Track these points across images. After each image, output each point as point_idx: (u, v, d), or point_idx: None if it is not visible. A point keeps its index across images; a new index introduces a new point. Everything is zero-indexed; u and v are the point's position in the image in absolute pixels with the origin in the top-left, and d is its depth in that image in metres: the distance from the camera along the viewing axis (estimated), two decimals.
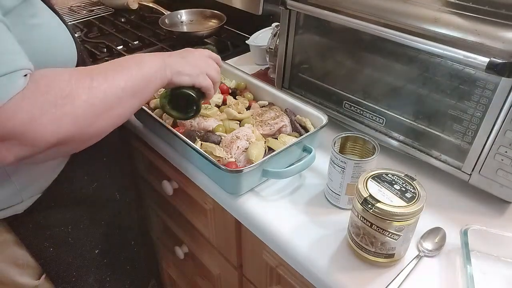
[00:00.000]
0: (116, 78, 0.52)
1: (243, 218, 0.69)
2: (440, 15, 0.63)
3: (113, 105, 0.51)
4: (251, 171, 0.65)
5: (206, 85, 0.66)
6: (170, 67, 0.61)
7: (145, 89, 0.57)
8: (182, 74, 0.63)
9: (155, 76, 0.58)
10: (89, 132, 0.50)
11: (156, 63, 0.59)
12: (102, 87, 0.50)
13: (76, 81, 0.48)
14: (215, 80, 0.69)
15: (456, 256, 0.58)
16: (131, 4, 1.47)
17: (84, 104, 0.48)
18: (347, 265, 0.58)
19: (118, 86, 0.52)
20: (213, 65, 0.70)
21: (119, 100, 0.52)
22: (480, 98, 0.61)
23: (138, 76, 0.55)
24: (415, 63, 0.67)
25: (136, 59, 0.58)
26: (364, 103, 0.77)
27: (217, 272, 0.96)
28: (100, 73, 0.51)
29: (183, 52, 0.69)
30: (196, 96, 0.66)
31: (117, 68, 0.54)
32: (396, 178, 0.56)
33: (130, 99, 0.54)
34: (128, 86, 0.53)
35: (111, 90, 0.51)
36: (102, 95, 0.49)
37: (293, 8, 0.80)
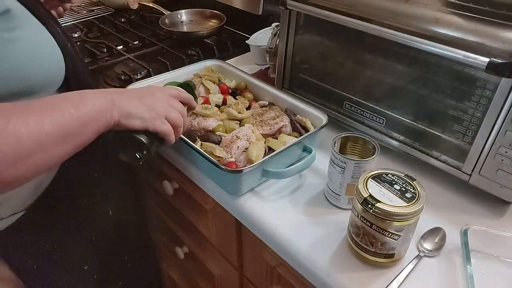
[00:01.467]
0: (41, 120, 0.44)
1: (243, 218, 0.69)
2: (440, 15, 0.63)
3: (32, 152, 0.44)
4: (251, 171, 0.65)
5: (163, 130, 0.58)
6: (119, 108, 0.53)
7: (81, 132, 0.49)
8: (133, 117, 0.55)
9: (96, 118, 0.50)
10: None
11: (101, 102, 0.51)
12: (19, 131, 0.42)
13: None
14: (176, 124, 0.60)
15: (456, 256, 0.58)
16: (131, 4, 1.47)
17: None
18: (347, 265, 0.58)
19: (41, 130, 0.44)
20: (177, 107, 0.62)
21: (41, 146, 0.44)
22: (480, 98, 0.61)
23: (73, 118, 0.47)
24: (416, 63, 0.67)
25: (76, 97, 0.50)
26: (365, 103, 0.77)
27: (217, 272, 0.96)
28: (22, 114, 0.44)
29: (142, 91, 0.61)
30: (146, 142, 0.57)
31: (46, 108, 0.46)
32: (396, 178, 0.56)
33: (58, 145, 0.46)
34: (55, 130, 0.45)
35: (30, 135, 0.43)
36: (16, 141, 0.42)
37: (293, 8, 0.80)
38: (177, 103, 0.63)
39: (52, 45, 0.60)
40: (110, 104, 0.52)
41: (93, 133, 0.51)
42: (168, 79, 0.90)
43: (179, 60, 1.15)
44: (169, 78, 0.91)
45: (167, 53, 1.20)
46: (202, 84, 0.87)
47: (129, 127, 0.55)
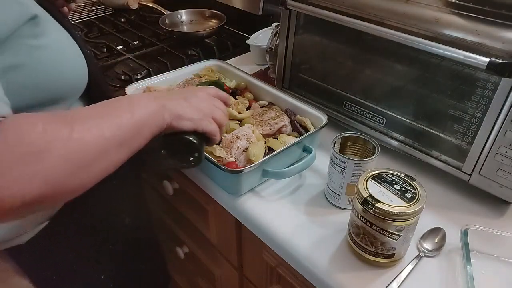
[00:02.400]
0: (101, 127, 0.45)
1: (243, 218, 0.69)
2: (440, 15, 0.63)
3: (95, 159, 0.44)
4: (251, 171, 0.65)
5: (211, 130, 0.58)
6: (170, 111, 0.54)
7: (137, 137, 0.49)
8: (183, 119, 0.55)
9: (150, 122, 0.51)
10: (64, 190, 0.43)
11: (153, 106, 0.52)
12: (83, 139, 0.43)
13: (52, 132, 0.41)
14: (221, 124, 0.61)
15: (456, 256, 0.58)
16: (131, 4, 1.47)
17: (59, 160, 0.41)
18: (347, 265, 0.58)
19: (102, 136, 0.45)
20: (220, 107, 0.62)
21: (104, 152, 0.45)
22: (480, 98, 0.61)
23: (129, 123, 0.48)
24: (416, 63, 0.67)
25: (129, 102, 0.51)
26: (364, 103, 0.77)
27: (217, 272, 0.96)
28: (84, 121, 0.44)
29: (186, 92, 0.62)
30: (197, 143, 0.57)
31: (104, 115, 0.47)
32: (396, 178, 0.56)
33: (117, 150, 0.47)
34: (115, 136, 0.46)
35: (94, 142, 0.44)
36: (82, 148, 0.43)
37: (293, 8, 0.80)
38: (219, 102, 0.63)
39: (76, 51, 0.59)
40: (161, 107, 0.53)
41: (148, 137, 0.51)
42: (168, 79, 0.90)
43: (179, 60, 1.15)
44: (169, 78, 0.91)
45: (167, 53, 1.21)
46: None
47: (180, 129, 0.56)
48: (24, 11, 0.50)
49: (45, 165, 0.40)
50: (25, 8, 0.50)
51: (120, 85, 1.04)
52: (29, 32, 0.50)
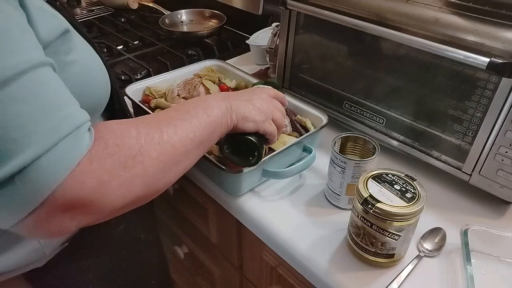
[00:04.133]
0: (186, 128, 0.48)
1: (243, 218, 0.69)
2: (440, 15, 0.63)
3: (181, 159, 0.47)
4: (251, 171, 0.65)
5: (271, 131, 0.60)
6: (236, 112, 0.56)
7: (211, 137, 0.52)
8: (248, 120, 0.57)
9: (221, 122, 0.54)
10: (155, 190, 0.46)
11: (223, 107, 0.54)
12: (172, 140, 0.45)
13: (145, 137, 0.43)
14: (280, 126, 0.63)
15: (456, 256, 0.58)
16: (131, 4, 1.47)
17: (154, 162, 0.43)
18: (347, 265, 0.58)
19: (187, 137, 0.47)
20: (279, 108, 0.64)
21: (187, 152, 0.48)
22: (481, 98, 0.61)
23: (206, 124, 0.51)
24: (416, 63, 0.67)
25: (203, 104, 0.53)
26: (365, 103, 0.77)
27: (217, 272, 0.96)
28: (169, 124, 0.47)
29: (249, 93, 0.63)
30: (258, 144, 0.60)
31: (185, 117, 0.49)
32: (397, 178, 0.56)
33: (197, 150, 0.50)
34: (196, 137, 0.49)
35: (181, 143, 0.46)
36: (172, 149, 0.45)
37: (293, 8, 0.80)
38: (278, 104, 0.65)
39: (101, 66, 0.58)
40: (229, 109, 0.55)
41: (218, 137, 0.54)
42: (168, 79, 0.90)
43: (179, 60, 1.15)
44: (169, 78, 0.91)
45: (167, 53, 1.20)
46: (202, 84, 0.87)
47: (244, 130, 0.58)
48: (58, 25, 0.48)
49: (143, 167, 0.42)
50: (59, 21, 0.48)
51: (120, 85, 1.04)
52: (62, 48, 0.49)
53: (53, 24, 0.47)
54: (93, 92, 0.55)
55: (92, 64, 0.55)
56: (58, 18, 0.49)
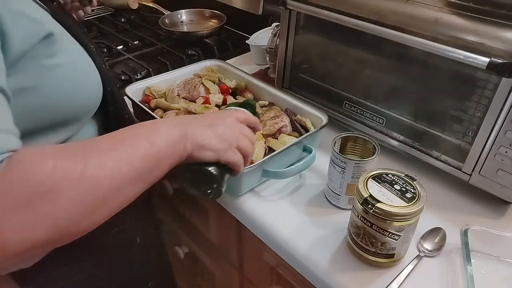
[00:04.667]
0: (118, 161, 0.40)
1: (243, 218, 0.69)
2: (440, 15, 0.63)
3: (109, 197, 0.40)
4: (251, 171, 0.65)
5: (234, 161, 0.54)
6: (192, 139, 0.49)
7: (155, 169, 0.45)
8: (206, 149, 0.51)
9: (170, 152, 0.46)
10: (74, 232, 0.39)
11: (174, 134, 0.47)
12: (96, 177, 0.38)
13: (62, 171, 0.36)
14: (247, 154, 0.56)
15: (456, 256, 0.58)
16: (131, 4, 1.47)
17: (69, 202, 0.36)
18: (347, 265, 0.58)
19: (118, 172, 0.40)
20: (247, 134, 0.57)
21: (118, 189, 0.41)
22: (480, 98, 0.61)
23: (148, 154, 0.43)
24: (416, 63, 0.67)
25: (149, 130, 0.46)
26: (364, 103, 0.77)
27: (217, 272, 0.96)
28: (98, 154, 0.40)
29: (213, 117, 0.56)
30: (218, 175, 0.53)
31: (119, 146, 0.42)
32: (397, 178, 0.56)
33: (134, 185, 0.42)
34: (132, 170, 0.41)
35: (108, 179, 0.39)
36: (95, 187, 0.38)
37: (293, 8, 0.80)
38: (247, 130, 0.58)
39: (92, 68, 0.56)
40: (183, 136, 0.48)
41: (167, 168, 0.47)
42: (168, 79, 0.90)
43: (179, 60, 1.15)
44: (169, 78, 0.91)
45: (167, 53, 1.20)
46: (202, 84, 0.87)
47: (202, 160, 0.51)
48: (39, 29, 0.46)
49: (53, 207, 0.36)
50: (40, 26, 0.47)
51: (120, 85, 1.04)
52: (43, 52, 0.47)
53: (33, 29, 0.46)
54: (81, 95, 0.53)
55: (80, 66, 0.54)
56: (41, 22, 0.47)
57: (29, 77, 0.46)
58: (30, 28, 0.45)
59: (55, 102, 0.49)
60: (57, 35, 0.49)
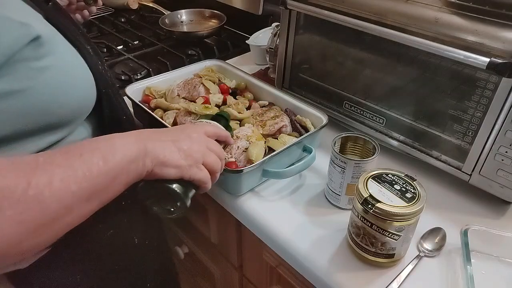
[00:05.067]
0: (66, 179, 0.38)
1: (243, 218, 0.69)
2: (440, 15, 0.63)
3: (55, 217, 0.38)
4: (251, 171, 0.65)
5: (200, 178, 0.52)
6: (152, 155, 0.47)
7: (110, 187, 0.43)
8: (168, 166, 0.48)
9: (127, 170, 0.44)
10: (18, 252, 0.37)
11: (133, 150, 0.45)
12: (40, 196, 0.36)
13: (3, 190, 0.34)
14: (214, 170, 0.54)
15: (456, 256, 0.58)
16: (131, 4, 1.47)
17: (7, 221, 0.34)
18: (347, 265, 0.58)
19: (67, 190, 0.38)
20: (215, 149, 0.55)
21: (67, 209, 0.38)
22: (481, 98, 0.61)
23: (101, 172, 0.41)
24: (416, 63, 0.67)
25: (104, 145, 0.44)
26: (365, 103, 0.77)
27: (217, 272, 0.96)
28: (45, 172, 0.37)
29: (177, 132, 0.54)
30: (182, 193, 0.50)
31: (72, 162, 0.40)
32: (397, 178, 0.56)
33: (84, 204, 0.40)
34: (82, 189, 0.39)
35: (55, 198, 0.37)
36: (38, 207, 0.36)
37: (293, 8, 0.80)
38: (215, 145, 0.57)
39: (84, 71, 0.55)
40: (142, 152, 0.46)
41: (122, 187, 0.45)
42: (168, 79, 0.90)
43: (179, 60, 1.15)
44: (169, 78, 0.91)
45: (167, 53, 1.21)
46: (202, 84, 0.87)
47: (164, 177, 0.49)
48: (26, 33, 0.46)
49: None
50: (28, 29, 0.46)
51: (120, 85, 1.04)
52: (31, 55, 0.46)
53: (20, 33, 0.45)
54: (72, 97, 0.52)
55: (71, 69, 0.53)
56: (29, 25, 0.46)
57: (17, 80, 0.45)
58: (16, 32, 0.45)
59: (45, 104, 0.49)
60: (46, 37, 0.48)
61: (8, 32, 0.44)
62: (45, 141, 0.53)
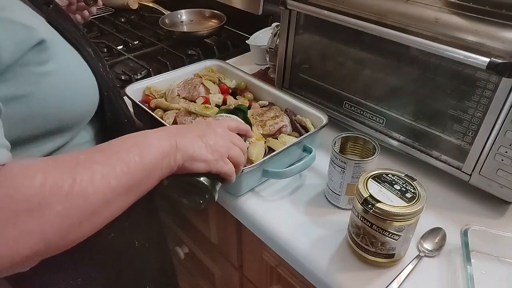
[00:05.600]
0: (107, 175, 0.40)
1: (243, 218, 0.69)
2: (440, 15, 0.63)
3: (97, 211, 0.40)
4: (251, 171, 0.65)
5: (226, 171, 0.54)
6: (183, 151, 0.49)
7: (145, 181, 0.45)
8: (197, 160, 0.51)
9: (160, 165, 0.46)
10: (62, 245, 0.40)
11: (165, 146, 0.47)
12: (85, 191, 0.38)
13: (51, 187, 0.36)
14: (238, 163, 0.56)
15: (456, 256, 0.58)
16: (131, 4, 1.47)
17: (57, 217, 0.37)
18: (347, 265, 0.58)
19: (107, 186, 0.40)
20: (239, 144, 0.57)
21: (107, 203, 0.41)
22: (480, 98, 0.61)
23: (138, 168, 0.43)
24: (416, 63, 0.67)
25: (140, 142, 0.46)
26: (365, 103, 0.77)
27: (217, 272, 0.96)
28: (87, 169, 0.40)
29: (203, 127, 0.56)
30: (210, 186, 0.53)
31: (110, 160, 0.42)
32: (397, 178, 0.56)
33: (123, 198, 0.43)
34: (121, 184, 0.42)
35: (97, 193, 0.39)
36: (83, 202, 0.38)
37: (293, 8, 0.80)
38: (238, 139, 0.58)
39: (87, 74, 0.55)
40: (174, 147, 0.48)
41: (157, 180, 0.47)
42: (168, 79, 0.90)
43: (179, 60, 1.15)
44: (169, 78, 0.91)
45: (167, 53, 1.21)
46: (202, 84, 0.87)
47: (193, 171, 0.51)
48: (30, 36, 0.46)
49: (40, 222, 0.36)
50: (32, 33, 0.46)
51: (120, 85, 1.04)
52: (35, 59, 0.46)
53: (24, 36, 0.45)
54: (75, 102, 0.52)
55: (74, 73, 0.53)
56: (33, 29, 0.46)
57: (20, 85, 0.45)
58: (20, 35, 0.45)
59: (48, 109, 0.49)
60: (49, 41, 0.48)
61: (14, 36, 0.44)
62: (48, 146, 0.53)
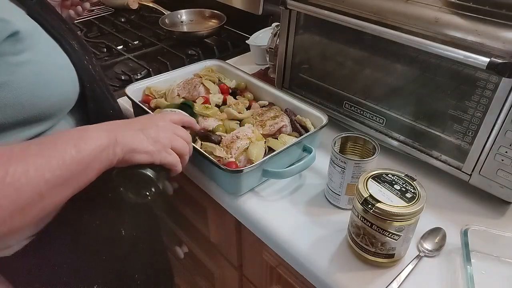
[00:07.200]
0: (41, 167, 0.41)
1: (243, 218, 0.69)
2: (440, 15, 0.63)
3: (30, 203, 0.41)
4: (251, 171, 0.65)
5: (169, 161, 0.56)
6: (123, 144, 0.50)
7: (82, 175, 0.46)
8: (138, 152, 0.52)
9: (99, 158, 0.47)
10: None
11: (103, 140, 0.48)
12: (17, 183, 0.39)
13: None
14: (182, 153, 0.58)
15: (456, 256, 0.58)
16: (131, 4, 1.47)
17: None
18: (347, 265, 0.58)
19: (41, 178, 0.41)
20: (181, 134, 0.59)
21: (40, 195, 0.42)
22: (481, 98, 0.61)
23: (74, 160, 0.44)
24: (416, 63, 0.67)
25: (77, 136, 0.47)
26: (364, 103, 0.77)
27: (217, 272, 0.96)
28: (21, 161, 0.41)
29: (144, 122, 0.57)
30: (155, 177, 0.54)
31: (46, 152, 0.43)
32: (397, 178, 0.56)
33: (58, 191, 0.44)
34: (55, 176, 0.42)
35: (30, 185, 0.40)
36: (14, 193, 0.39)
37: (293, 8, 0.80)
38: (181, 130, 0.60)
39: (66, 65, 0.57)
40: (113, 141, 0.50)
41: (95, 174, 0.48)
42: (168, 79, 0.90)
43: (179, 60, 1.15)
44: (169, 78, 0.91)
45: (167, 53, 1.21)
46: (202, 84, 0.87)
47: (135, 163, 0.53)
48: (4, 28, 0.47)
49: None
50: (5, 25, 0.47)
51: (120, 85, 1.04)
52: (9, 50, 0.48)
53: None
54: (52, 91, 0.54)
55: (52, 64, 0.54)
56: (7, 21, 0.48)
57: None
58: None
59: (24, 98, 0.50)
60: (25, 33, 0.50)
61: None
62: (26, 134, 0.53)
